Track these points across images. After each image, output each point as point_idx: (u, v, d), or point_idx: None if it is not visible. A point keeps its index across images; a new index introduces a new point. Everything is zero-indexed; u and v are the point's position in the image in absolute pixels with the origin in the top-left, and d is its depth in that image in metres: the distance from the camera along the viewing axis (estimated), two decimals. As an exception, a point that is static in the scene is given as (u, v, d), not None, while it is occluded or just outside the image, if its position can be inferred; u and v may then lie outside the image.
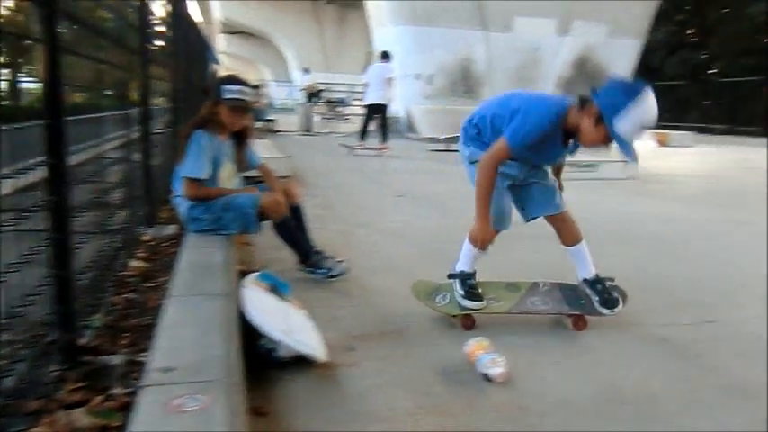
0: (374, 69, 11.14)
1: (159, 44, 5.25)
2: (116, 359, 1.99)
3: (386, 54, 11.21)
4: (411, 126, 15.35)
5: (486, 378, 2.11)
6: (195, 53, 8.99)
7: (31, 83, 2.24)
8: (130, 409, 1.43)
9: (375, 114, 11.12)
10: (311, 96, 18.01)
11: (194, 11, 21.93)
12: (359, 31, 31.37)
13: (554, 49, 15.78)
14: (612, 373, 2.25)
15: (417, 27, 15.41)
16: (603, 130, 2.26)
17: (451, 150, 11.51)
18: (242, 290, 2.31)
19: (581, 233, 2.69)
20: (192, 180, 3.09)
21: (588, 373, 2.25)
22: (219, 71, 18.79)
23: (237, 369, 1.66)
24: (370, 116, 11.22)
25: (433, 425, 1.85)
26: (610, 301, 2.62)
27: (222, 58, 39.01)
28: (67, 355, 1.87)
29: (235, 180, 3.35)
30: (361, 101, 12.89)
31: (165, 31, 5.57)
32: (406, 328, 2.62)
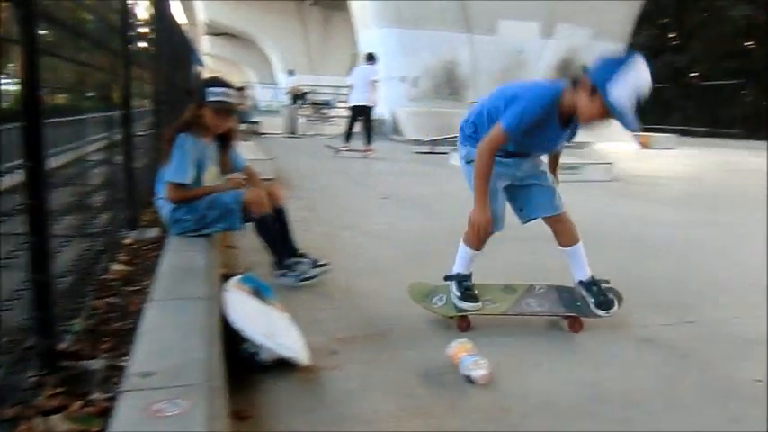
0: (359, 71, 11.14)
1: (142, 46, 5.21)
2: (96, 364, 1.96)
3: (371, 56, 11.21)
4: (396, 128, 15.37)
5: (469, 380, 2.11)
6: (179, 55, 8.94)
7: (10, 85, 2.21)
8: (110, 415, 1.42)
9: (359, 116, 11.11)
10: (296, 98, 17.97)
11: (178, 12, 21.80)
12: (344, 33, 31.37)
13: (538, 51, 15.88)
14: (595, 374, 2.26)
15: (402, 29, 15.44)
16: (599, 100, 2.25)
17: (436, 152, 11.56)
18: (224, 293, 2.30)
19: (578, 234, 2.70)
20: (176, 184, 3.07)
21: (570, 373, 2.26)
22: (204, 73, 18.69)
23: (218, 373, 1.65)
24: (354, 118, 11.21)
25: (416, 427, 1.85)
26: (605, 302, 2.63)
27: (206, 59, 38.80)
28: (46, 361, 1.84)
29: (219, 183, 3.33)
30: (346, 103, 12.87)
31: (148, 33, 5.53)
32: (390, 331, 2.62)
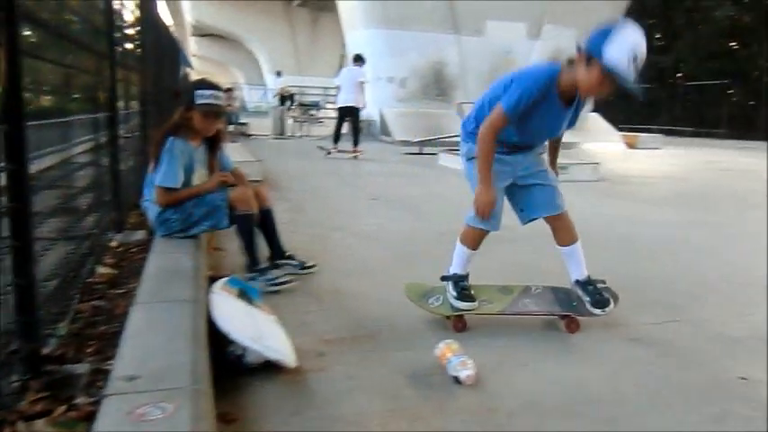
0: (346, 72, 11.13)
1: (128, 47, 5.18)
2: (81, 368, 1.95)
3: (359, 57, 11.21)
4: (385, 129, 15.38)
5: (457, 380, 2.12)
6: (166, 56, 8.90)
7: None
8: (94, 419, 1.41)
9: (347, 117, 11.11)
10: (284, 100, 17.94)
11: (164, 13, 21.69)
12: (332, 34, 31.37)
13: (525, 52, 15.95)
14: (582, 374, 2.28)
15: (389, 30, 15.47)
16: (596, 66, 2.25)
17: (425, 153, 11.59)
18: (210, 295, 2.29)
19: (577, 234, 2.71)
20: (166, 188, 3.05)
21: (557, 373, 2.27)
22: (191, 74, 18.60)
23: (204, 376, 1.64)
24: (342, 119, 11.21)
25: (403, 428, 1.85)
26: (601, 301, 2.63)
27: (194, 60, 38.65)
28: (30, 365, 1.83)
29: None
30: (334, 104, 12.87)
31: (135, 34, 5.50)
32: (378, 333, 2.61)
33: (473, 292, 2.70)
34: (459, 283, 2.70)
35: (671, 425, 1.92)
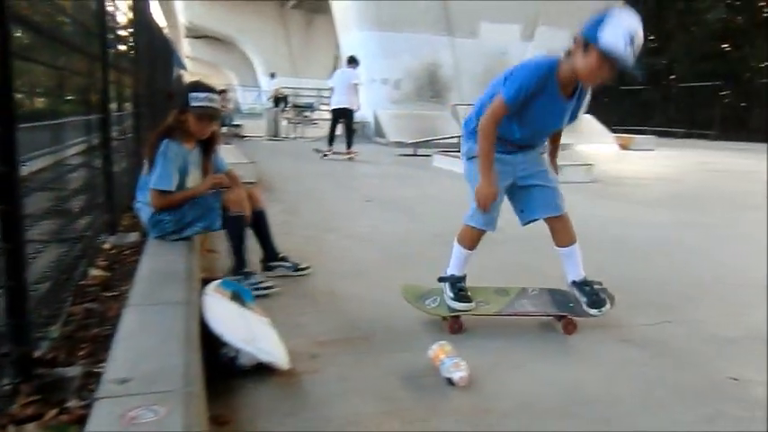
0: (340, 74, 11.13)
1: (121, 49, 5.17)
2: (73, 371, 1.94)
3: (353, 59, 11.21)
4: (379, 130, 15.39)
5: (450, 382, 2.12)
6: (159, 57, 8.88)
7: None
8: (86, 423, 1.40)
9: (341, 119, 11.11)
10: (278, 101, 17.91)
11: (158, 15, 21.66)
12: (326, 36, 31.36)
13: (519, 54, 15.98)
14: (575, 375, 2.28)
15: (383, 32, 15.47)
16: (593, 51, 2.26)
17: (419, 155, 11.60)
18: (203, 297, 2.28)
19: (575, 235, 2.71)
20: (160, 191, 3.04)
21: (551, 374, 2.27)
22: (185, 76, 18.56)
23: (196, 378, 1.64)
24: (336, 121, 11.22)
25: (396, 429, 1.85)
26: (597, 302, 2.64)
27: (187, 62, 38.56)
28: (21, 368, 1.82)
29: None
30: (328, 106, 12.87)
31: (128, 36, 5.49)
32: (372, 334, 2.61)
33: (470, 293, 2.70)
34: (457, 284, 2.70)
35: (665, 425, 1.92)
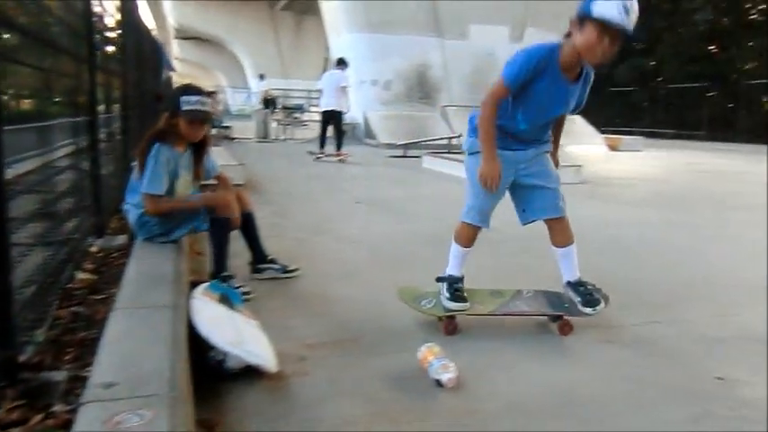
0: (328, 76, 11.13)
1: (109, 50, 5.14)
2: (59, 375, 1.92)
3: (341, 61, 11.21)
4: (369, 132, 15.39)
5: (438, 383, 2.12)
6: (148, 59, 8.84)
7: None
8: (71, 427, 1.39)
9: (331, 121, 11.11)
10: (268, 103, 17.86)
11: (146, 16, 21.54)
12: (316, 38, 31.35)
13: (508, 56, 16.02)
14: (563, 376, 2.28)
15: (372, 34, 15.48)
16: (590, 24, 2.26)
17: (409, 156, 11.61)
18: (191, 300, 2.27)
19: (573, 236, 2.73)
20: (153, 195, 3.01)
21: (539, 375, 2.28)
22: (174, 77, 18.48)
23: (183, 382, 1.63)
24: (326, 123, 11.21)
25: (384, 431, 1.84)
26: (592, 301, 2.65)
27: (177, 63, 38.39)
28: (6, 373, 1.80)
29: (191, 190, 3.27)
30: (317, 107, 12.86)
31: (116, 38, 5.46)
32: (361, 336, 2.61)
33: (466, 294, 2.71)
34: (454, 284, 2.71)
35: (654, 425, 1.93)
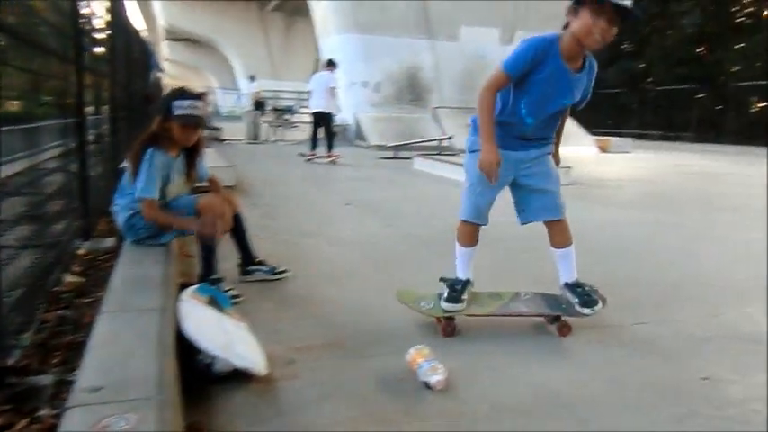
0: (318, 77, 11.11)
1: (97, 51, 5.11)
2: (45, 379, 1.91)
3: (331, 62, 11.20)
4: (360, 134, 15.39)
5: (427, 386, 2.12)
6: (137, 60, 8.80)
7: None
8: (57, 432, 1.39)
9: (321, 122, 11.10)
10: (258, 104, 17.82)
11: (136, 17, 21.43)
12: (306, 39, 31.33)
13: (498, 57, 16.07)
14: (552, 376, 2.29)
15: (362, 35, 15.48)
16: (585, 7, 2.28)
17: (399, 158, 11.61)
18: (179, 303, 2.26)
19: (572, 237, 2.74)
20: (149, 200, 2.98)
21: (528, 376, 2.29)
22: (163, 78, 18.40)
23: (170, 386, 1.62)
24: (317, 124, 11.20)
25: (373, 434, 1.85)
26: (589, 301, 2.66)
27: (167, 65, 38.24)
28: (-8, 377, 1.79)
29: (183, 193, 3.24)
30: (308, 109, 12.85)
31: (104, 39, 5.43)
32: (350, 339, 2.61)
33: (465, 296, 2.70)
34: (455, 286, 2.71)
35: (642, 425, 1.94)
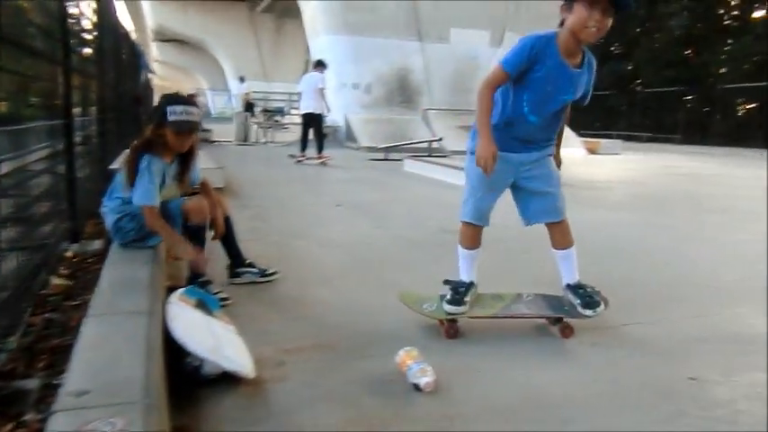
0: (307, 78, 11.10)
1: (85, 52, 5.08)
2: (31, 383, 1.90)
3: (320, 63, 11.18)
4: (350, 135, 15.39)
5: (416, 388, 2.12)
6: (126, 61, 8.76)
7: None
8: (42, 437, 1.37)
9: (311, 123, 11.08)
10: (248, 106, 17.77)
11: (125, 18, 21.34)
12: (296, 41, 31.32)
13: (489, 59, 16.16)
14: (543, 378, 2.29)
15: (352, 37, 15.49)
16: (578, 3, 2.29)
17: (390, 159, 11.62)
18: (167, 306, 2.25)
19: (573, 239, 2.75)
20: (150, 207, 2.93)
21: (517, 378, 2.29)
22: (153, 79, 18.32)
23: (157, 389, 1.61)
24: (307, 126, 11.18)
25: (362, 437, 1.85)
26: (591, 303, 2.66)
27: (156, 66, 38.08)
28: (-24, 382, 1.78)
29: (176, 197, 3.21)
30: (298, 110, 12.83)
31: (92, 40, 5.40)
32: (339, 341, 2.60)
33: (467, 298, 2.70)
34: (458, 288, 2.71)
35: (632, 426, 1.95)
